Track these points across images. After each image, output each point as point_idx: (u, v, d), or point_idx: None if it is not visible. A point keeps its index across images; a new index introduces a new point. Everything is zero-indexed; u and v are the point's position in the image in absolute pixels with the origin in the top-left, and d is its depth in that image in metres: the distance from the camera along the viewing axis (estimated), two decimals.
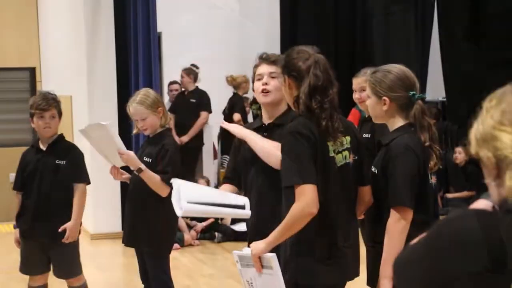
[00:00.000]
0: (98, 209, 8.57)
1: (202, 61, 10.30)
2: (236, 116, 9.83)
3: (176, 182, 3.59)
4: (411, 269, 1.78)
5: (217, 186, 9.97)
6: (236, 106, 9.92)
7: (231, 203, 3.57)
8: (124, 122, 7.37)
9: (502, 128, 1.68)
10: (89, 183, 5.21)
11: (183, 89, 9.95)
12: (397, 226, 3.22)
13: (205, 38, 10.81)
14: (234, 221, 8.56)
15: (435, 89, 11.33)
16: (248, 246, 3.84)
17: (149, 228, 4.77)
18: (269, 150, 3.52)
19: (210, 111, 9.75)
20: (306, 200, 3.05)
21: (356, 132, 3.42)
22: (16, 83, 11.91)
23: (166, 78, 10.48)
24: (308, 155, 3.07)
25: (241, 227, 8.01)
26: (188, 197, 3.46)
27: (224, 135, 10.47)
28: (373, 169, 3.42)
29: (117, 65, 8.44)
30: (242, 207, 3.57)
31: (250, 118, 10.29)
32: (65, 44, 9.85)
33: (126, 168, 4.87)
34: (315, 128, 3.12)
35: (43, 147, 5.10)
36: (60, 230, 4.96)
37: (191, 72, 9.79)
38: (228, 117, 9.68)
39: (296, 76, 3.21)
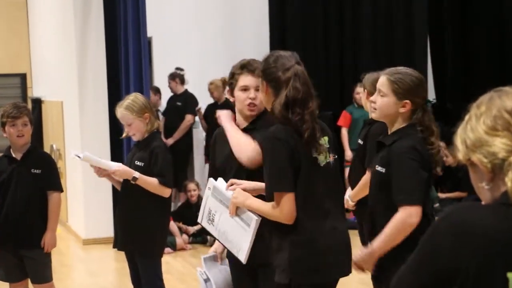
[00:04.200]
0: (89, 214, 8.56)
1: (192, 66, 10.30)
2: None
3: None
4: (411, 279, 1.76)
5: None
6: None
7: None
8: (116, 126, 7.36)
9: (495, 133, 1.70)
10: (62, 191, 5.20)
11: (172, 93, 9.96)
12: (405, 222, 3.18)
13: (195, 42, 10.80)
14: None
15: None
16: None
17: (141, 230, 4.77)
18: (242, 147, 3.56)
19: (195, 115, 9.73)
20: (283, 209, 3.13)
21: (330, 132, 3.40)
22: (7, 89, 11.90)
23: (157, 83, 10.48)
24: (286, 161, 3.13)
25: None
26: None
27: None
28: (378, 168, 3.39)
29: (108, 70, 8.44)
30: None
31: None
32: (55, 50, 9.85)
33: None
34: (293, 133, 3.16)
35: (16, 156, 5.04)
36: (42, 245, 4.99)
37: (176, 75, 9.79)
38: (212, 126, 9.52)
39: (274, 86, 3.24)
